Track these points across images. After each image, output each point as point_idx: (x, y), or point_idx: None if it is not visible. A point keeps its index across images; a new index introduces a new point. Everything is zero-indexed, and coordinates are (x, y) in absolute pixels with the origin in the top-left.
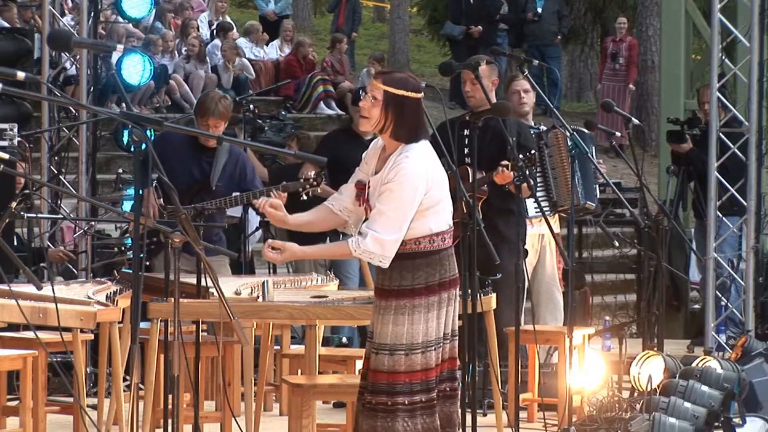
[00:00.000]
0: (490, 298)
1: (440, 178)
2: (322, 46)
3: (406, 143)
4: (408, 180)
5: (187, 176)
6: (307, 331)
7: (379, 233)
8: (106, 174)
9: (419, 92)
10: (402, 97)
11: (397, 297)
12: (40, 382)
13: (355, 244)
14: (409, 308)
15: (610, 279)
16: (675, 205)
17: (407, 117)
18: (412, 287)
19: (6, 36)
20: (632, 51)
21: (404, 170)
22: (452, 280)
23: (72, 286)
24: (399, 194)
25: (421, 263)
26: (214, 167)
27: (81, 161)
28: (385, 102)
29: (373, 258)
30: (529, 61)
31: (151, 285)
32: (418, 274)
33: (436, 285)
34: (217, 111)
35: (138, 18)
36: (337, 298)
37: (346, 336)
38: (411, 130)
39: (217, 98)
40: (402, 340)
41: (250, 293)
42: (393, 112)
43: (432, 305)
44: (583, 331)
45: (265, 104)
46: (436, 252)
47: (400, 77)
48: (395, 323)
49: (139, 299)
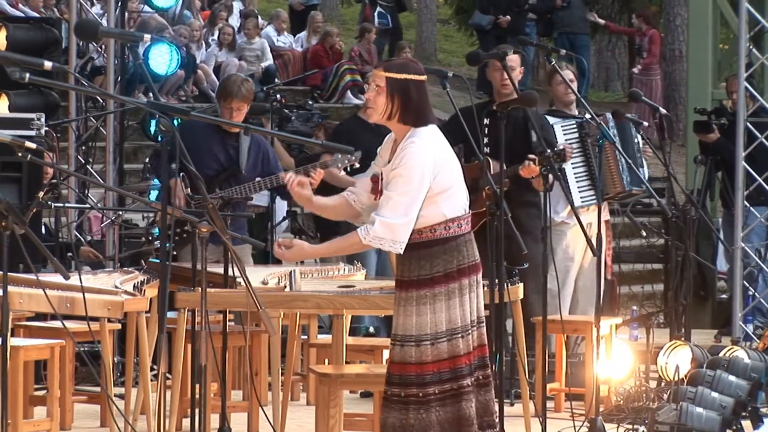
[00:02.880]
0: (516, 287)
1: (449, 161)
2: (350, 36)
3: (414, 127)
4: (414, 164)
5: (214, 162)
6: (334, 320)
7: (387, 218)
8: (134, 163)
9: (422, 74)
10: (406, 81)
11: (417, 287)
12: (67, 372)
13: (365, 231)
14: (430, 297)
15: (637, 269)
16: (702, 195)
17: (413, 100)
18: (431, 276)
19: (33, 26)
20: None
21: (410, 155)
22: (472, 266)
23: (99, 276)
24: (405, 179)
25: (438, 251)
26: (241, 152)
27: (108, 151)
28: (389, 88)
29: (383, 243)
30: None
31: (179, 275)
32: (436, 262)
33: (455, 271)
34: (240, 93)
35: (165, 8)
36: (364, 288)
37: (372, 326)
38: (418, 113)
39: (239, 81)
40: (426, 330)
41: (278, 283)
42: (398, 96)
43: (453, 292)
44: (611, 321)
45: (292, 94)
46: (452, 238)
47: (400, 62)
48: (418, 314)
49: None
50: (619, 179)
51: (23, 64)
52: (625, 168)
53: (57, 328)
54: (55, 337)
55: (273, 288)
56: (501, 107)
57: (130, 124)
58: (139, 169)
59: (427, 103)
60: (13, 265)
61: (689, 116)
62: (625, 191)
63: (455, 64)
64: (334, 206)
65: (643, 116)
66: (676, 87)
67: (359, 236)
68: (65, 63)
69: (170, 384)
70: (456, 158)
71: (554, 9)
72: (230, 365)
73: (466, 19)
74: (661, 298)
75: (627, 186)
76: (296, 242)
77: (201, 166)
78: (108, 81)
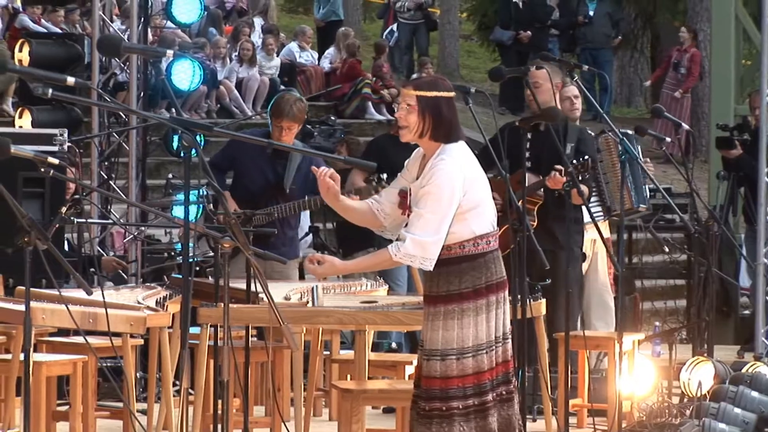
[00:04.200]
0: (539, 303)
1: (478, 178)
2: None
3: (445, 143)
4: (444, 182)
5: (261, 179)
6: (357, 336)
7: (418, 235)
8: (156, 179)
9: (451, 91)
10: (436, 98)
11: (445, 302)
12: (90, 387)
13: (395, 248)
14: (458, 312)
15: (660, 284)
16: (725, 211)
17: (444, 117)
18: (460, 291)
19: (56, 41)
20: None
21: (440, 172)
22: (499, 282)
23: (122, 292)
24: (436, 196)
25: (467, 267)
26: (288, 170)
27: (131, 166)
28: (421, 106)
29: (414, 261)
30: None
31: (201, 290)
32: (465, 278)
33: (484, 288)
34: (291, 113)
35: (188, 24)
36: (387, 304)
37: (395, 341)
38: (449, 130)
39: (292, 101)
40: (453, 345)
41: (300, 298)
42: (430, 114)
43: (480, 308)
44: (633, 337)
45: (314, 110)
46: (481, 255)
47: (430, 80)
48: (445, 328)
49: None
50: (628, 196)
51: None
52: (633, 185)
53: (79, 344)
54: (78, 352)
55: (295, 303)
56: (523, 123)
57: (152, 140)
58: (161, 184)
59: (456, 120)
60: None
61: (712, 132)
62: (633, 208)
63: (478, 80)
64: (357, 210)
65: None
66: (699, 103)
67: (390, 253)
68: (88, 78)
69: (193, 399)
70: (484, 175)
71: (576, 25)
72: (252, 381)
73: (488, 35)
74: (684, 313)
75: (635, 203)
76: (327, 258)
77: (248, 182)
78: (131, 96)
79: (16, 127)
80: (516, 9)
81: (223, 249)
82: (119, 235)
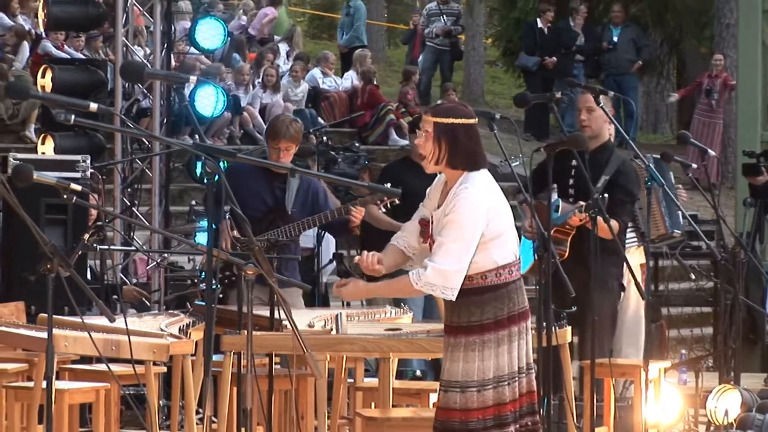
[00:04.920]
0: (565, 330)
1: (501, 207)
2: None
3: (466, 171)
4: (467, 210)
5: (260, 204)
6: (381, 363)
7: (439, 264)
8: (179, 206)
9: (471, 118)
10: (452, 125)
11: (466, 333)
12: (112, 415)
13: (416, 276)
14: (479, 344)
15: (686, 312)
16: (752, 238)
17: (461, 144)
18: (481, 323)
19: (79, 67)
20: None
21: (463, 201)
22: (522, 313)
23: (145, 319)
24: (459, 225)
25: (489, 298)
26: (288, 193)
27: (154, 193)
28: (436, 133)
29: (435, 289)
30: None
31: (224, 318)
32: (487, 309)
33: (505, 319)
34: (288, 133)
35: (211, 49)
36: (411, 331)
37: (419, 369)
38: (468, 157)
39: (287, 121)
40: (473, 377)
41: (324, 326)
42: (445, 141)
43: (502, 339)
44: (660, 365)
45: (338, 136)
46: (503, 285)
47: (448, 106)
48: (465, 360)
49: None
50: (662, 222)
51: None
52: (667, 211)
53: (102, 372)
54: (101, 380)
55: (319, 331)
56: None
57: (176, 166)
58: (184, 211)
59: (477, 147)
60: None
61: (738, 158)
62: (668, 233)
63: (503, 106)
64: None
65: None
66: (726, 129)
67: (411, 281)
68: (111, 105)
69: (216, 428)
70: (507, 204)
71: (601, 51)
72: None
73: (514, 61)
74: (711, 341)
75: (669, 228)
76: (352, 279)
77: (247, 208)
78: (154, 123)
79: (38, 153)
80: (541, 35)
81: (247, 276)
82: (142, 262)
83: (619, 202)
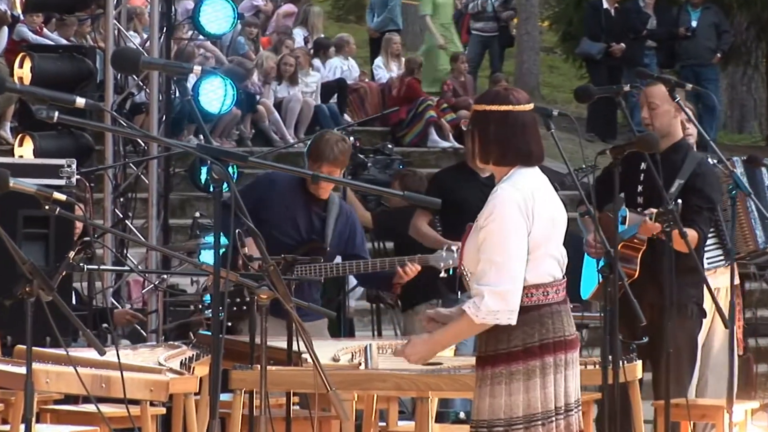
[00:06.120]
0: (634, 365)
1: (544, 217)
2: None
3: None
4: (506, 215)
5: (293, 230)
6: (418, 404)
7: (494, 285)
8: (181, 218)
9: (509, 104)
10: (484, 113)
11: (492, 364)
12: None
13: (474, 308)
14: (506, 376)
15: None
16: None
17: (493, 134)
18: (509, 351)
19: (63, 55)
20: None
21: (498, 206)
22: (559, 342)
23: (140, 351)
24: (500, 235)
25: (517, 321)
26: (329, 223)
27: (151, 203)
28: (471, 123)
29: (500, 317)
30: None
31: (234, 350)
32: (515, 335)
33: (537, 347)
34: (332, 155)
35: (218, 34)
36: (453, 366)
37: (462, 411)
38: (504, 150)
39: (333, 141)
40: (500, 415)
41: (351, 359)
42: (477, 131)
43: (533, 371)
44: (746, 405)
45: (368, 136)
46: (535, 308)
47: (486, 92)
48: (492, 395)
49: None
50: (752, 236)
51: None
52: (758, 223)
53: (90, 413)
54: (88, 423)
55: (345, 366)
56: (616, 152)
57: (176, 172)
58: (187, 225)
59: (516, 139)
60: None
61: None
62: (759, 250)
63: (562, 101)
64: None
65: None
66: None
67: (469, 316)
68: (100, 99)
69: None
70: (554, 214)
71: (677, 37)
72: None
73: (574, 47)
74: None
75: (762, 244)
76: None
77: (278, 233)
78: (151, 121)
79: (15, 156)
80: (606, 17)
81: (261, 301)
82: (137, 284)
83: (695, 209)
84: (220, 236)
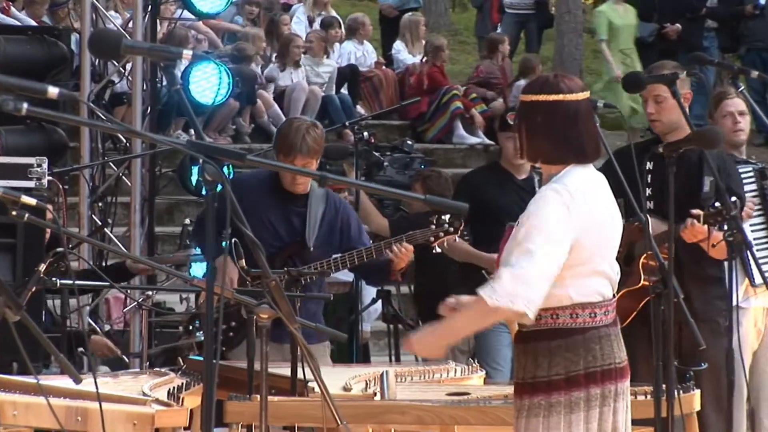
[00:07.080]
0: (692, 395)
1: (598, 222)
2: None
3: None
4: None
5: (270, 236)
6: None
7: (516, 267)
8: (168, 226)
9: (559, 92)
10: (531, 103)
11: (531, 393)
12: None
13: (489, 290)
14: (545, 407)
15: None
16: None
17: (540, 126)
18: (549, 379)
19: (32, 38)
20: None
21: (544, 201)
22: (606, 371)
23: (121, 379)
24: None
25: (559, 346)
26: (309, 221)
27: (133, 209)
28: (518, 115)
29: (515, 302)
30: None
31: (230, 377)
32: (556, 361)
33: (582, 376)
34: (305, 146)
35: (211, 13)
36: (483, 396)
37: None
38: (554, 145)
39: (303, 128)
40: None
41: (365, 389)
42: (524, 124)
43: (576, 404)
44: None
45: (385, 131)
46: (580, 331)
47: (534, 79)
48: (528, 427)
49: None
50: None
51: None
52: None
53: None
54: None
55: (358, 396)
56: (668, 149)
57: (163, 173)
58: (176, 233)
59: (564, 131)
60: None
61: None
62: None
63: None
64: None
65: None
66: None
67: (484, 298)
68: (75, 89)
69: None
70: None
71: (742, 16)
72: None
73: None
74: None
75: None
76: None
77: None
78: (134, 113)
79: None
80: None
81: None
82: (117, 302)
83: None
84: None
